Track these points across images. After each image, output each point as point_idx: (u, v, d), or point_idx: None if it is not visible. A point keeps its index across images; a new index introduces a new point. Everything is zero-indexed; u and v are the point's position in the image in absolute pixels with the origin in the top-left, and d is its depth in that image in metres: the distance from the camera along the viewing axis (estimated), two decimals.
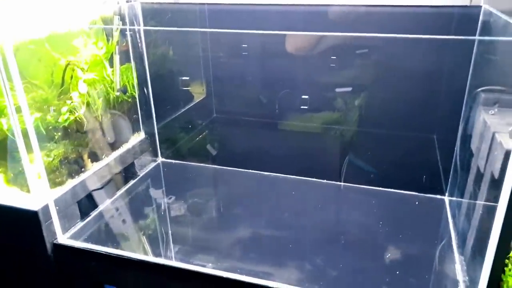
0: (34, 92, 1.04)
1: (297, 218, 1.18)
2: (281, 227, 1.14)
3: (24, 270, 1.09)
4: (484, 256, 0.78)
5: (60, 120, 1.06)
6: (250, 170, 1.39)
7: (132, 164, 1.36)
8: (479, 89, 1.01)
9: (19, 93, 0.93)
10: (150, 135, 1.44)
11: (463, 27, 1.10)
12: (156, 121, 1.44)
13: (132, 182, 1.33)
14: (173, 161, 1.48)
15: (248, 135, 1.56)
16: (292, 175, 1.34)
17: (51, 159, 1.06)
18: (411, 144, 1.27)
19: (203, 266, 0.95)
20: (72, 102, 1.08)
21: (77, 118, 1.11)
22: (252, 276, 0.91)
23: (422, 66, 1.20)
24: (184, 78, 1.53)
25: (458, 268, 0.91)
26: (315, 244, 1.07)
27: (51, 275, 1.07)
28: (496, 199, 0.74)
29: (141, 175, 1.37)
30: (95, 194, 1.19)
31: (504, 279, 0.97)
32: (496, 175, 0.81)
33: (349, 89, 1.38)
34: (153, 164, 1.44)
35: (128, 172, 1.33)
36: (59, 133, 1.08)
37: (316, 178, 1.32)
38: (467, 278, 0.87)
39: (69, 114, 1.08)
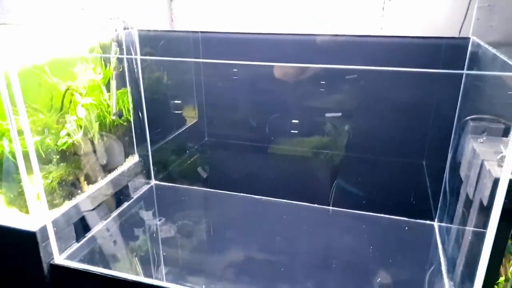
0: (35, 116, 1.08)
1: (288, 242, 1.21)
2: (271, 251, 1.17)
3: None
4: (473, 281, 0.81)
5: (59, 143, 1.10)
6: (240, 194, 1.43)
7: (126, 186, 1.39)
8: (468, 118, 1.06)
9: (21, 117, 0.96)
10: (144, 157, 1.47)
11: (452, 57, 1.15)
12: (150, 144, 1.48)
13: (126, 204, 1.35)
14: (166, 183, 1.51)
15: (239, 159, 1.60)
16: (282, 199, 1.38)
17: (49, 181, 1.08)
18: (401, 170, 1.32)
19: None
20: (71, 126, 1.12)
21: (75, 142, 1.15)
22: None
23: (412, 95, 1.25)
24: (176, 101, 1.58)
25: None
26: (306, 268, 1.10)
27: None
28: (485, 225, 0.78)
29: (134, 197, 1.40)
30: (90, 215, 1.21)
31: None
32: (485, 202, 0.84)
33: (339, 114, 1.44)
34: (146, 187, 1.47)
35: (122, 194, 1.36)
36: (58, 156, 1.11)
37: (306, 202, 1.36)
38: None
39: (68, 138, 1.12)
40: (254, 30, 1.42)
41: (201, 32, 1.47)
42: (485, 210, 0.85)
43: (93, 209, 1.22)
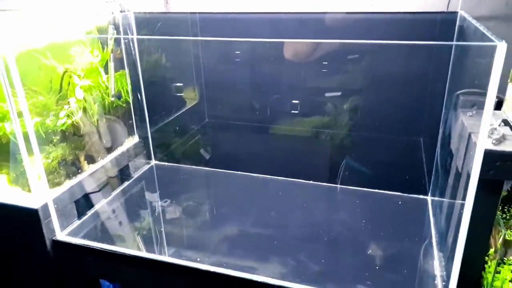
0: (34, 98, 1.11)
1: (284, 216, 1.24)
2: (266, 225, 1.20)
3: (24, 265, 1.15)
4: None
5: (58, 124, 1.13)
6: (241, 172, 1.46)
7: (127, 166, 1.42)
8: (458, 92, 1.07)
9: (20, 99, 0.99)
10: (143, 138, 1.50)
11: (441, 32, 1.16)
12: (150, 125, 1.51)
13: (126, 183, 1.39)
14: (166, 163, 1.55)
15: (239, 139, 1.62)
16: (281, 176, 1.41)
17: (50, 160, 1.12)
18: (397, 145, 1.32)
19: (195, 261, 1.02)
20: (69, 107, 1.15)
21: (74, 122, 1.18)
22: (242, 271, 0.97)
23: (405, 71, 1.25)
24: (175, 84, 1.59)
25: (437, 264, 0.96)
26: (301, 240, 1.13)
27: (50, 270, 1.13)
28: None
29: (135, 176, 1.44)
30: (91, 194, 1.25)
31: (484, 276, 1.03)
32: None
33: (338, 93, 1.44)
34: (146, 167, 1.51)
35: (122, 174, 1.40)
36: (57, 137, 1.15)
37: (303, 179, 1.39)
38: (444, 273, 0.92)
39: (67, 119, 1.15)
40: (253, 10, 1.41)
41: (199, 13, 1.47)
42: None
43: (94, 188, 1.26)
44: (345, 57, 1.31)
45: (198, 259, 1.02)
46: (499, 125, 0.91)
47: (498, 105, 1.05)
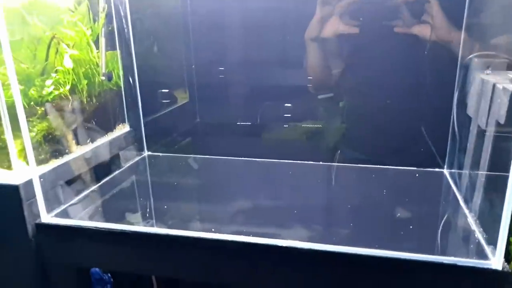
0: (16, 66, 1.00)
1: (302, 193, 1.16)
2: (292, 201, 1.12)
3: (3, 253, 1.00)
4: (495, 207, 0.78)
5: (44, 93, 1.02)
6: (239, 158, 1.37)
7: (117, 154, 1.31)
8: (472, 55, 1.05)
9: (8, 64, 0.88)
10: (135, 127, 1.40)
11: None
12: (142, 115, 1.41)
13: (117, 171, 1.27)
14: (159, 154, 1.44)
15: (232, 137, 1.53)
16: (293, 160, 1.33)
17: (34, 134, 1.00)
18: (407, 121, 1.28)
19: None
20: (57, 75, 1.05)
21: (62, 94, 1.07)
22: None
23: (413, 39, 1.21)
24: (164, 90, 1.51)
25: (471, 221, 0.91)
26: (331, 212, 1.06)
27: (31, 259, 0.98)
28: (505, 146, 0.76)
29: (126, 165, 1.32)
30: (79, 178, 1.12)
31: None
32: (502, 121, 0.82)
33: (331, 94, 1.40)
34: (138, 157, 1.40)
35: (113, 161, 1.28)
36: (43, 108, 1.03)
37: (312, 161, 1.31)
38: (481, 228, 0.87)
39: (53, 89, 1.04)
40: None
41: None
42: (503, 131, 0.83)
43: (82, 172, 1.14)
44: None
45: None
46: None
47: (510, 68, 1.02)
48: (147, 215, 1.04)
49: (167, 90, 1.52)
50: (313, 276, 0.83)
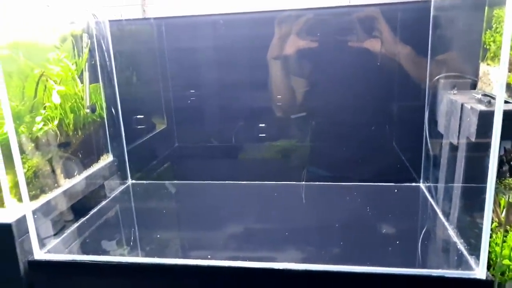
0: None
1: (285, 214, 1.21)
2: (273, 221, 1.16)
3: None
4: (476, 218, 0.85)
5: (34, 129, 1.03)
6: (216, 182, 1.43)
7: (102, 185, 1.32)
8: (438, 77, 1.15)
9: (3, 101, 0.90)
10: (118, 157, 1.41)
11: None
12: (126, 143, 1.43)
13: (104, 202, 1.28)
14: (143, 181, 1.46)
15: (210, 160, 1.57)
16: (272, 181, 1.39)
17: (25, 170, 1.01)
18: (382, 138, 1.34)
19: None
20: (46, 111, 1.06)
21: (50, 130, 1.08)
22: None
23: (382, 62, 1.27)
24: (139, 116, 1.53)
25: (452, 233, 0.98)
26: (314, 232, 1.10)
27: None
28: (478, 162, 0.81)
29: (111, 195, 1.33)
30: (68, 211, 1.13)
31: (491, 250, 1.03)
32: (473, 138, 0.89)
33: (304, 114, 1.45)
34: (122, 186, 1.41)
35: (99, 192, 1.29)
36: (32, 144, 1.04)
37: (288, 181, 1.37)
38: (462, 240, 0.94)
39: (43, 125, 1.05)
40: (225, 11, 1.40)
41: (163, 18, 1.41)
42: (474, 147, 0.90)
43: (71, 205, 1.14)
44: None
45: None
46: (481, 96, 0.96)
47: (473, 87, 1.12)
48: (137, 245, 1.06)
49: (145, 117, 1.54)
50: None
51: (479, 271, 0.79)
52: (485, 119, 0.85)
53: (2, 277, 0.97)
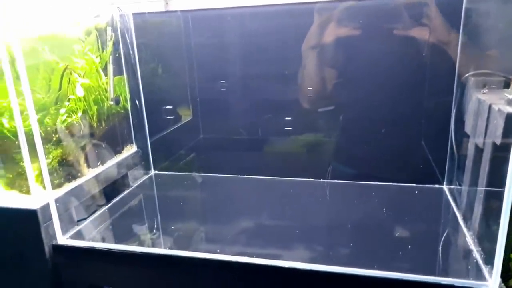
0: (33, 96, 1.05)
1: (303, 212, 1.20)
2: (288, 219, 1.16)
3: (21, 273, 1.05)
4: (492, 226, 0.81)
5: (58, 121, 1.07)
6: (244, 176, 1.42)
7: (126, 174, 1.36)
8: (468, 74, 1.08)
9: (26, 93, 0.94)
10: (142, 148, 1.45)
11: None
12: (149, 134, 1.47)
13: (126, 191, 1.32)
14: (166, 172, 1.49)
15: (234, 153, 1.57)
16: (290, 177, 1.38)
17: (49, 160, 1.05)
18: (406, 139, 1.30)
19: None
20: (70, 104, 1.10)
21: (74, 122, 1.12)
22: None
23: (409, 58, 1.22)
24: (164, 107, 1.55)
25: (470, 240, 0.95)
26: (330, 230, 1.09)
27: (48, 278, 1.03)
28: (500, 166, 0.77)
29: (134, 185, 1.37)
30: (91, 199, 1.18)
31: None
32: (498, 142, 0.85)
33: (331, 107, 1.42)
34: (146, 176, 1.45)
35: (122, 181, 1.33)
36: (57, 135, 1.09)
37: (312, 178, 1.35)
38: (479, 248, 0.90)
39: (67, 116, 1.10)
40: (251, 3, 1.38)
41: (189, 10, 1.41)
42: (499, 151, 0.85)
43: (94, 194, 1.19)
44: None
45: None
46: None
47: (507, 86, 1.06)
48: (155, 235, 1.09)
49: (171, 108, 1.56)
50: None
51: (492, 282, 0.76)
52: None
53: (30, 258, 1.03)
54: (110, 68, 1.27)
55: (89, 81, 1.18)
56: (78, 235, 1.06)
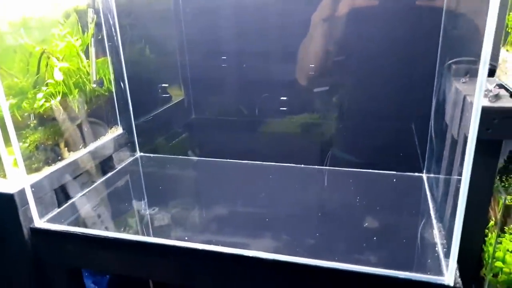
0: (9, 80, 1.05)
1: (281, 197, 1.19)
2: (266, 205, 1.16)
3: (2, 256, 1.08)
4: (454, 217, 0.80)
5: (35, 106, 1.08)
6: (231, 160, 1.41)
7: (110, 157, 1.37)
8: (450, 61, 1.05)
9: None
10: (127, 129, 1.45)
11: None
12: (134, 116, 1.46)
13: (109, 174, 1.33)
14: (151, 155, 1.50)
15: (226, 135, 1.56)
16: (273, 162, 1.35)
17: (27, 144, 1.06)
18: (388, 125, 1.28)
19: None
20: (47, 88, 1.10)
21: (53, 106, 1.13)
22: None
23: (394, 40, 1.19)
24: (152, 88, 1.54)
25: (436, 233, 0.94)
26: (303, 217, 1.09)
27: (27, 260, 1.06)
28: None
29: (118, 167, 1.38)
30: (72, 183, 1.19)
31: (485, 249, 1.00)
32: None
33: (327, 88, 1.38)
34: (131, 158, 1.46)
35: (105, 164, 1.34)
36: (35, 120, 1.09)
37: (296, 163, 1.33)
38: (444, 241, 0.90)
39: (45, 101, 1.10)
40: None
41: None
42: None
43: (75, 177, 1.20)
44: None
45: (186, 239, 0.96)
46: (494, 87, 0.88)
47: (491, 74, 1.03)
48: (124, 220, 1.10)
49: (160, 88, 1.55)
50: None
51: (448, 277, 0.76)
52: (485, 117, 0.78)
53: (9, 241, 1.06)
54: (92, 50, 1.26)
55: (68, 65, 1.17)
56: (57, 219, 1.08)
